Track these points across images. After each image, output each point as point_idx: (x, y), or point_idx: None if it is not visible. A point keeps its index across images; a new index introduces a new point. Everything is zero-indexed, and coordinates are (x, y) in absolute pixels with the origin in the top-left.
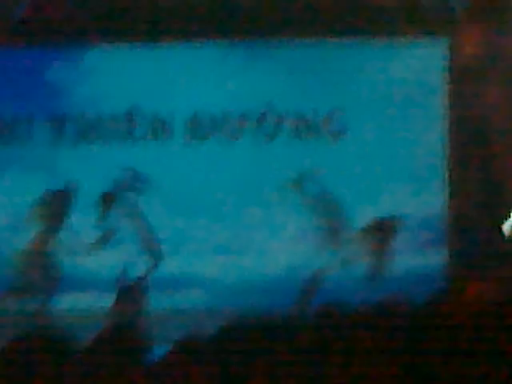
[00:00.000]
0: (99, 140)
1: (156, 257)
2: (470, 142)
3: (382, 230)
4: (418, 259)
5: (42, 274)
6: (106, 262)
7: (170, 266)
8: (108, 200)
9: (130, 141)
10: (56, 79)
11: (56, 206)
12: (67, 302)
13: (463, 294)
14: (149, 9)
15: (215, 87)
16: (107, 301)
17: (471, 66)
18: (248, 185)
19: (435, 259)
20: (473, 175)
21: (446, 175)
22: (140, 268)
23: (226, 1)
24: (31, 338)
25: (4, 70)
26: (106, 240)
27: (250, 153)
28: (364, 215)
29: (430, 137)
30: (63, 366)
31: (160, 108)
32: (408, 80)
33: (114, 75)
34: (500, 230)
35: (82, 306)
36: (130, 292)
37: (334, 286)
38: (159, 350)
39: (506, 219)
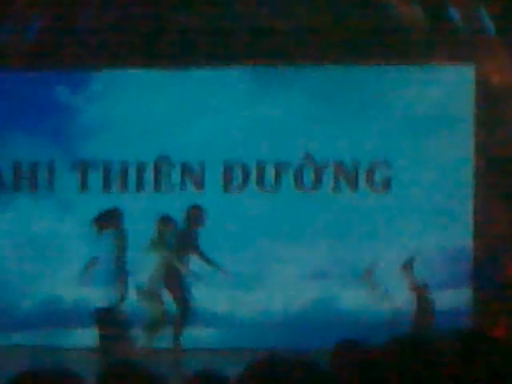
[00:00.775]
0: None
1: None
2: (496, 173)
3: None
4: (444, 293)
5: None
6: None
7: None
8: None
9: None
10: (78, 117)
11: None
12: None
13: (491, 330)
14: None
15: (248, 132)
16: None
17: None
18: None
19: (461, 294)
20: (499, 211)
21: (472, 212)
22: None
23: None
24: None
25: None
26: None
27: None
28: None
29: (459, 175)
30: None
31: (190, 156)
32: (438, 108)
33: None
34: None
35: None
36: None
37: (357, 321)
38: None
39: None
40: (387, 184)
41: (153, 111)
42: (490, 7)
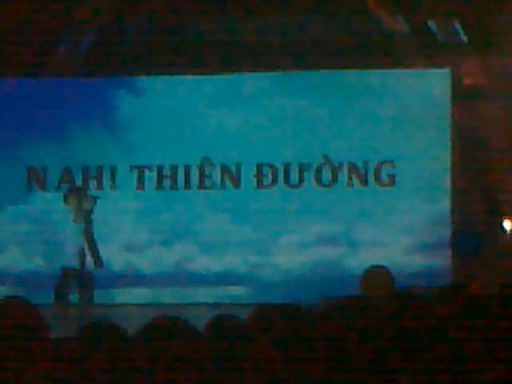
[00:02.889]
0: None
1: (96, 258)
2: (470, 156)
3: None
4: (425, 258)
5: None
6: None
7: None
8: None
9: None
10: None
11: None
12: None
13: (466, 289)
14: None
15: (275, 138)
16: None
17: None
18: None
19: (441, 259)
20: (473, 184)
21: (450, 185)
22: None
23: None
24: None
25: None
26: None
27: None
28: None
29: (437, 155)
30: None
31: (228, 159)
32: (415, 104)
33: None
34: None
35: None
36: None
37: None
38: None
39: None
40: (391, 179)
41: (196, 120)
42: (462, 21)
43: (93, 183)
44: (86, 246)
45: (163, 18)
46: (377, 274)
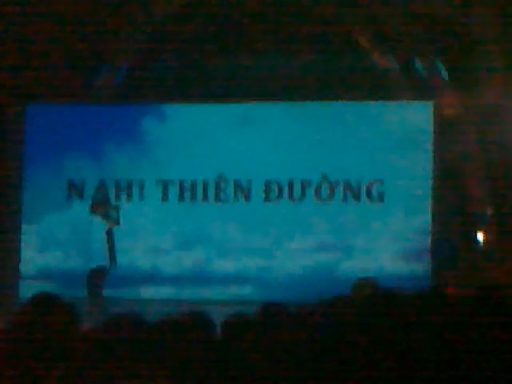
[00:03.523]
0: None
1: (112, 260)
2: (449, 177)
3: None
4: (408, 264)
5: None
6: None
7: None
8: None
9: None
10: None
11: None
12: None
13: (444, 293)
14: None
15: (281, 158)
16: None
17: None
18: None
19: (422, 264)
20: (450, 200)
21: (431, 201)
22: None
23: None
24: None
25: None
26: None
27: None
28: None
29: (420, 175)
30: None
31: (240, 175)
32: (402, 132)
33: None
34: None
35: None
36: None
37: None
38: None
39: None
40: (381, 196)
41: (213, 141)
42: (444, 60)
43: (124, 195)
44: (108, 249)
45: (188, 54)
46: (364, 285)
